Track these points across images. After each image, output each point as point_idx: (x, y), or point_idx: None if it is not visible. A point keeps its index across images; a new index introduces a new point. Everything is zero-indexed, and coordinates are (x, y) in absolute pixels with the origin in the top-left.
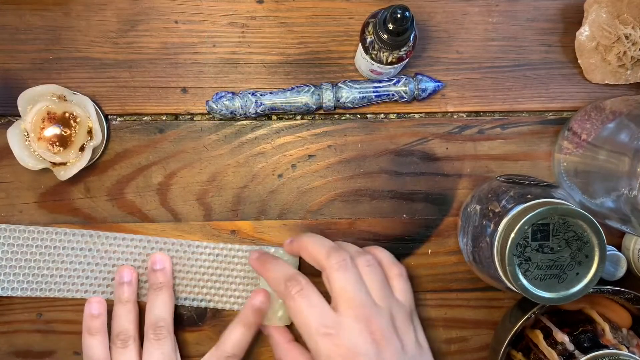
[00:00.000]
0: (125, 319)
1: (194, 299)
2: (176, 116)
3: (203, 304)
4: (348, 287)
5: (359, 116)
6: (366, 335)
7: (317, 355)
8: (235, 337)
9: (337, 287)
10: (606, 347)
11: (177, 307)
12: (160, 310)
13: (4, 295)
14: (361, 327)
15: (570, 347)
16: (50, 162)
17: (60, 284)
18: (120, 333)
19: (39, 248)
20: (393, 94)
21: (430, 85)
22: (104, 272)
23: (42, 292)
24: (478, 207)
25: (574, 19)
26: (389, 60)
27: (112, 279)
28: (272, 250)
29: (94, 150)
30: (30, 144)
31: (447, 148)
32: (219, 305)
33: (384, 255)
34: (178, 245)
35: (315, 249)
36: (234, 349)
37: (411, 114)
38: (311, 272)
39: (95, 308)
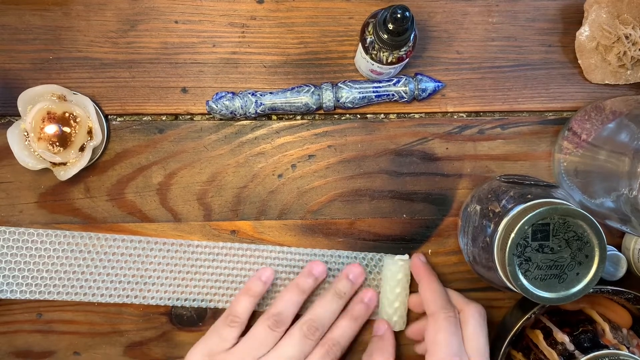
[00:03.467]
0: (293, 304)
1: (194, 299)
2: (176, 116)
3: (204, 304)
4: (481, 339)
5: (359, 116)
6: None
7: None
8: (342, 327)
9: (470, 332)
10: (606, 347)
11: (176, 307)
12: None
13: (4, 298)
14: None
15: (571, 347)
16: (50, 162)
17: (59, 286)
18: (280, 314)
19: (39, 251)
20: (393, 94)
21: (430, 85)
22: (103, 274)
23: (42, 294)
24: (478, 207)
25: (574, 19)
26: (389, 60)
27: (111, 282)
28: (398, 257)
29: (94, 150)
30: (30, 143)
31: (447, 148)
32: (219, 305)
33: None
34: (177, 245)
35: (454, 297)
36: (341, 338)
37: (411, 114)
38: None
39: (265, 275)
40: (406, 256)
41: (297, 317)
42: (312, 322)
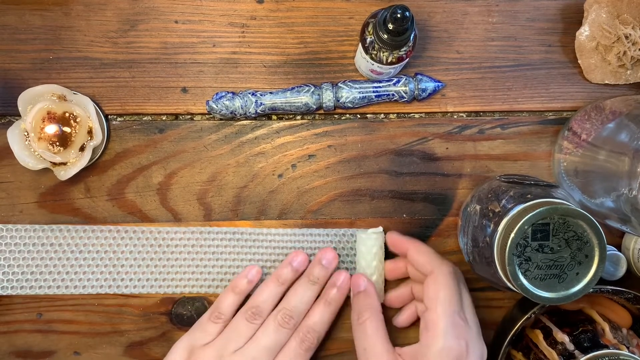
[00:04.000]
0: (271, 296)
1: (201, 286)
2: (176, 116)
3: (211, 291)
4: (469, 297)
5: (359, 116)
6: (481, 347)
7: (436, 327)
8: (317, 313)
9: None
10: (606, 347)
11: (177, 307)
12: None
13: (4, 294)
14: (481, 343)
15: (570, 346)
16: (50, 162)
17: (60, 280)
18: (258, 306)
19: (36, 246)
20: (393, 94)
21: (430, 85)
22: (101, 266)
23: (42, 289)
24: (478, 207)
25: (574, 19)
26: (389, 60)
27: (109, 273)
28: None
29: (94, 150)
30: (30, 143)
31: (447, 148)
32: (219, 291)
33: None
34: (173, 233)
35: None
36: (316, 324)
37: (411, 114)
38: None
39: (252, 274)
40: (380, 228)
41: None
42: (286, 310)
